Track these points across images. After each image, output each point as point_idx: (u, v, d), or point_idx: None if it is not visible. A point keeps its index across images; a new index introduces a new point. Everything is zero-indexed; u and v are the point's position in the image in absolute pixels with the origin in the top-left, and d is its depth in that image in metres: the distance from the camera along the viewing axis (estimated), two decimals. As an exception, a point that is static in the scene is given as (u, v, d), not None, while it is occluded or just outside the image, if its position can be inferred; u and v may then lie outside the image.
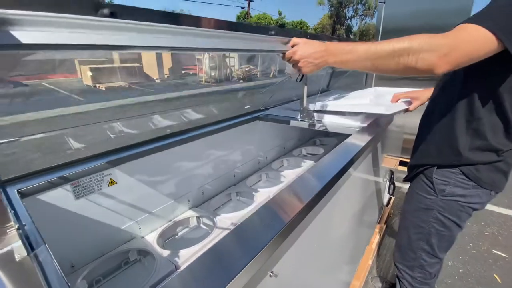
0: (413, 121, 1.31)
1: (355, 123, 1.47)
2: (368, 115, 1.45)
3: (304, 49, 0.87)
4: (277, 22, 27.59)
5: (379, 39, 3.12)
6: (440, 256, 1.03)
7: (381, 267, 1.92)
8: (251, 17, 27.83)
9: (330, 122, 1.54)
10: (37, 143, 1.02)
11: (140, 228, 1.19)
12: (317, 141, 2.44)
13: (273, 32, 1.03)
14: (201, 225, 1.36)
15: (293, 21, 28.18)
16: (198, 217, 1.36)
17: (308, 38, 0.93)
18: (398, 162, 3.36)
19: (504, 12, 0.64)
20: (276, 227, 0.60)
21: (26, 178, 0.84)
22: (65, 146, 1.09)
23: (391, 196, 2.38)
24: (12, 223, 0.55)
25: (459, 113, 0.84)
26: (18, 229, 0.54)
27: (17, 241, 0.54)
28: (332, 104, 1.65)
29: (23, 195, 0.79)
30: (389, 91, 1.70)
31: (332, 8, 29.95)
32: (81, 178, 0.95)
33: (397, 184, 2.28)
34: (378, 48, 0.73)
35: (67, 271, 0.98)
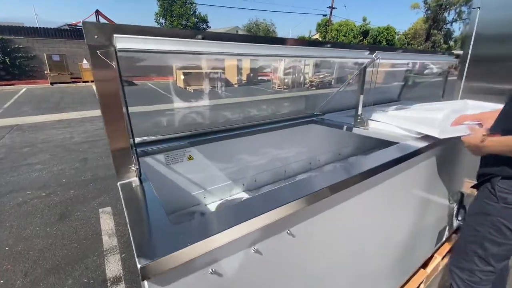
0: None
1: (411, 134, 1.45)
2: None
3: None
4: (359, 29, 26.21)
5: (471, 47, 2.78)
6: (494, 264, 1.02)
7: (435, 294, 1.76)
8: (332, 24, 27.27)
9: (383, 130, 1.56)
10: (147, 126, 1.46)
11: (205, 197, 1.52)
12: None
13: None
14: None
15: (379, 27, 26.21)
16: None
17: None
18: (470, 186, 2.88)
19: None
20: (301, 192, 0.76)
21: (143, 144, 1.25)
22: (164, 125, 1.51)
23: (460, 221, 2.12)
24: (133, 165, 0.90)
25: None
26: (136, 169, 0.89)
27: (134, 176, 0.89)
28: (389, 114, 1.66)
29: (140, 154, 1.19)
30: (475, 106, 1.59)
31: (429, 12, 26.50)
32: (171, 151, 1.32)
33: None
34: None
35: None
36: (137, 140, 1.25)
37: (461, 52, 3.12)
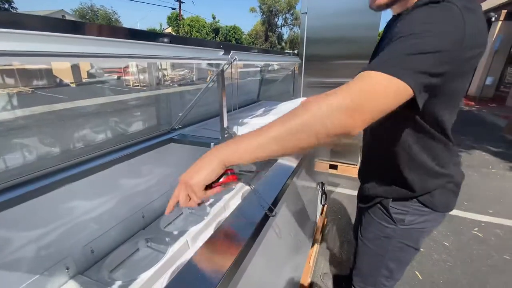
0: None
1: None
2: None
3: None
4: (210, 26, 27.27)
5: (304, 47, 3.18)
6: (398, 278, 1.03)
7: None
8: (183, 19, 26.80)
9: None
10: None
11: (-31, 336, 0.76)
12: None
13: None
14: (89, 299, 0.99)
15: (227, 26, 28.31)
16: (82, 291, 0.98)
17: None
18: (328, 166, 3.50)
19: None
20: None
21: None
22: None
23: (323, 205, 2.39)
24: None
25: (397, 157, 0.82)
26: None
27: None
28: (258, 121, 1.47)
29: None
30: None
31: (264, 16, 31.26)
32: None
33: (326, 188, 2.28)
34: (272, 134, 0.54)
35: None
36: None
37: (296, 52, 3.56)
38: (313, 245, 1.96)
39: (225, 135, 1.30)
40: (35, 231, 0.90)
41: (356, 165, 3.66)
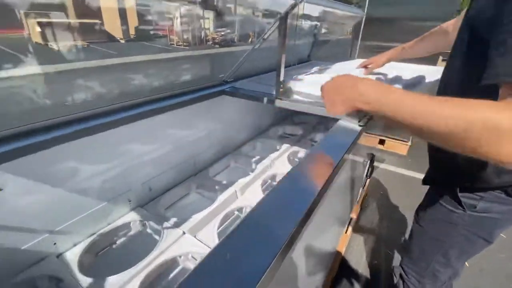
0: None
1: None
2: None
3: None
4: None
5: (366, 8, 2.80)
6: (457, 267, 0.92)
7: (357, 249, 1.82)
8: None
9: (312, 101, 1.25)
10: None
11: (55, 243, 0.87)
12: (295, 119, 2.17)
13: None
14: (148, 230, 1.08)
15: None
16: (142, 222, 1.07)
17: None
18: (378, 141, 3.26)
19: None
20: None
21: None
22: None
23: (368, 178, 2.26)
24: None
25: None
26: None
27: None
28: (314, 78, 1.35)
29: None
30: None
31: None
32: None
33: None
34: (442, 112, 0.44)
35: None
36: None
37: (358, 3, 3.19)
38: (351, 216, 1.90)
39: (280, 89, 1.22)
40: (102, 165, 0.96)
41: (407, 142, 3.35)
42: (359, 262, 1.75)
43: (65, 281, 0.79)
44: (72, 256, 0.87)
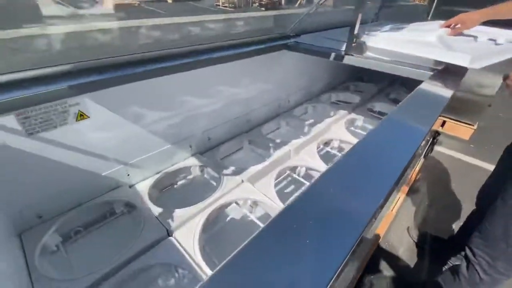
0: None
1: (425, 65, 1.05)
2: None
3: None
4: None
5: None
6: None
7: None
8: None
9: (388, 60, 1.11)
10: None
11: (128, 175, 0.95)
12: (350, 86, 2.01)
13: None
14: (205, 175, 1.12)
15: None
16: (201, 167, 1.11)
17: None
18: (441, 123, 2.92)
19: None
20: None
21: None
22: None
23: (424, 157, 2.07)
24: None
25: None
26: None
27: None
28: (390, 37, 1.19)
29: None
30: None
31: None
32: (30, 107, 0.65)
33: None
34: None
35: (33, 222, 0.78)
36: None
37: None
38: (399, 194, 1.79)
39: (353, 44, 1.10)
40: (167, 111, 0.99)
41: (472, 125, 2.96)
42: (400, 243, 1.68)
43: (137, 208, 0.86)
44: (143, 188, 0.95)
